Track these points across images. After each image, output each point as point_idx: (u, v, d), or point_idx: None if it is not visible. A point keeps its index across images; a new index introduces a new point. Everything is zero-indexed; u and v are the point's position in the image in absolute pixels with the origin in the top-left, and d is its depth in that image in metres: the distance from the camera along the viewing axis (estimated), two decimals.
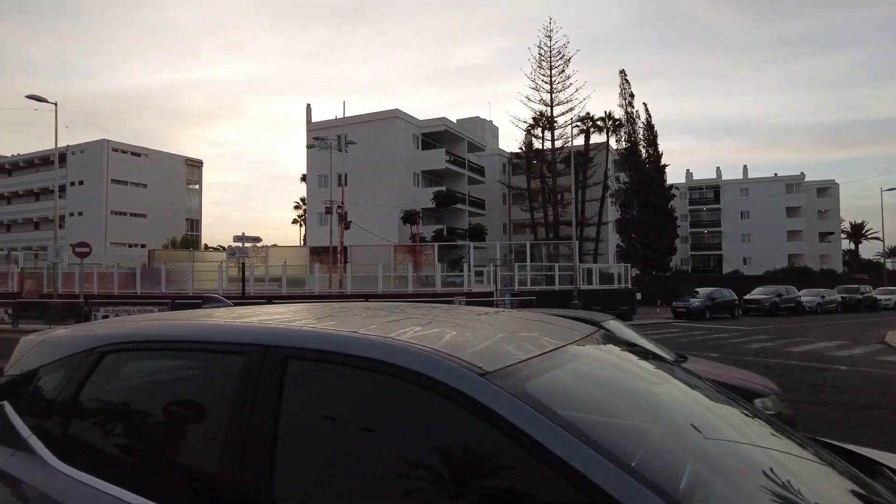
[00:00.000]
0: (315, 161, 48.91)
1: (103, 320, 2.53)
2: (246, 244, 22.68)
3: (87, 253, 22.90)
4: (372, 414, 1.50)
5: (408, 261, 31.46)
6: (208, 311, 2.38)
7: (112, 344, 1.94)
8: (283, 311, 2.43)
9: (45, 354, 2.12)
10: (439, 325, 1.96)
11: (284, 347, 1.61)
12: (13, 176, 72.17)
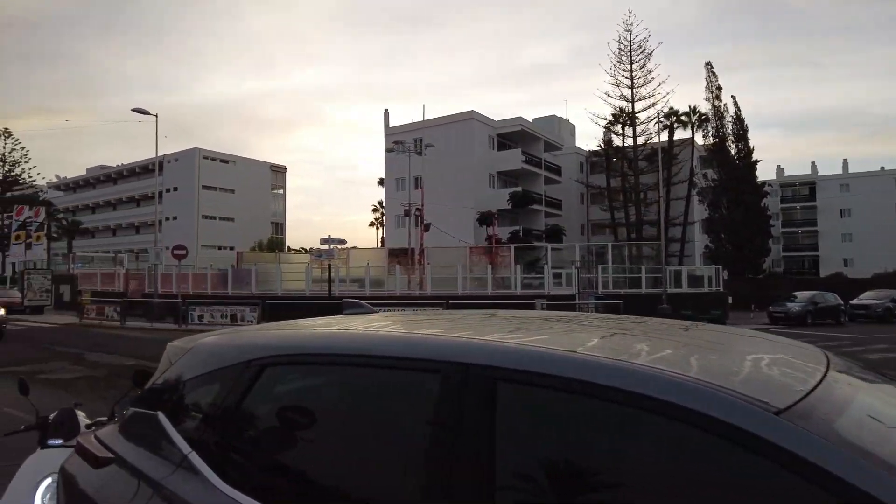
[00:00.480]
0: (392, 164, 49.70)
1: (256, 328, 2.37)
2: (332, 246, 23.15)
3: (183, 255, 24.18)
4: (622, 459, 1.20)
5: (483, 262, 31.18)
6: (371, 320, 2.19)
7: (272, 356, 1.78)
8: (441, 318, 2.21)
9: (197, 364, 2.00)
10: (651, 341, 1.65)
11: (491, 368, 1.35)
12: (118, 184, 77.99)
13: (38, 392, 9.54)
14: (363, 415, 1.58)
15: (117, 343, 17.67)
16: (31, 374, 11.46)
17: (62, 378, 11.01)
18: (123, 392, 3.10)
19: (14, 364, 12.81)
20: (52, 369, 12.12)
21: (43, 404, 8.22)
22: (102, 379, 10.98)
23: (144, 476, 1.80)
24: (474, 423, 1.29)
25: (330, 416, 1.65)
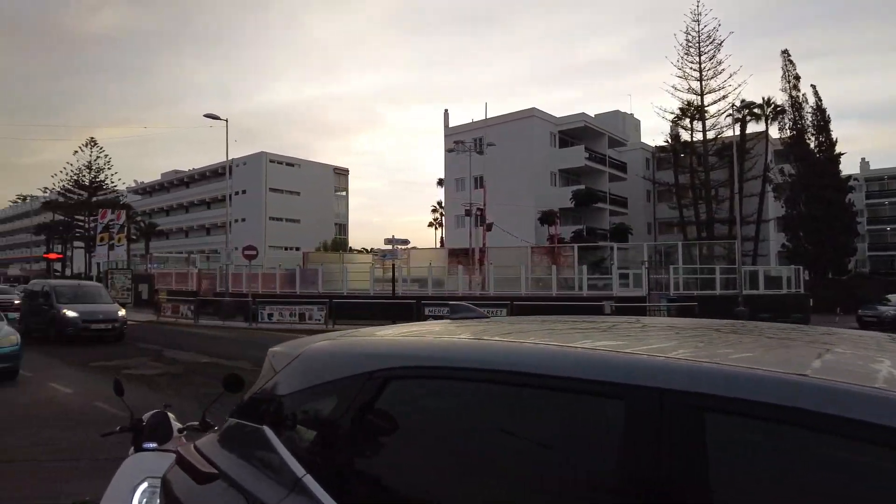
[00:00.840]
0: (452, 165, 49.60)
1: (373, 334, 1.97)
2: (395, 246, 23.22)
3: (254, 255, 24.89)
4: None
5: (546, 263, 30.54)
6: (495, 328, 1.94)
7: (399, 368, 1.55)
8: (573, 327, 1.94)
9: (308, 374, 1.81)
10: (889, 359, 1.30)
11: (698, 395, 1.07)
12: (190, 188, 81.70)
13: (126, 387, 9.89)
14: (514, 444, 1.32)
15: (192, 340, 18.32)
16: (116, 370, 11.97)
17: (144, 374, 11.42)
18: (213, 397, 3.00)
19: (102, 359, 13.45)
20: (135, 365, 12.62)
21: (128, 400, 8.43)
22: (180, 376, 11.32)
23: (254, 498, 1.62)
24: (676, 468, 1.01)
25: (472, 442, 1.40)
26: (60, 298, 17.17)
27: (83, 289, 19.03)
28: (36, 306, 17.95)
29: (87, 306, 17.02)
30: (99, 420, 7.59)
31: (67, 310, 16.58)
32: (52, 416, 7.79)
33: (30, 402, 8.74)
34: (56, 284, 18.91)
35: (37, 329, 17.31)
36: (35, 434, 6.80)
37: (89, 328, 16.44)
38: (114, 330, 16.95)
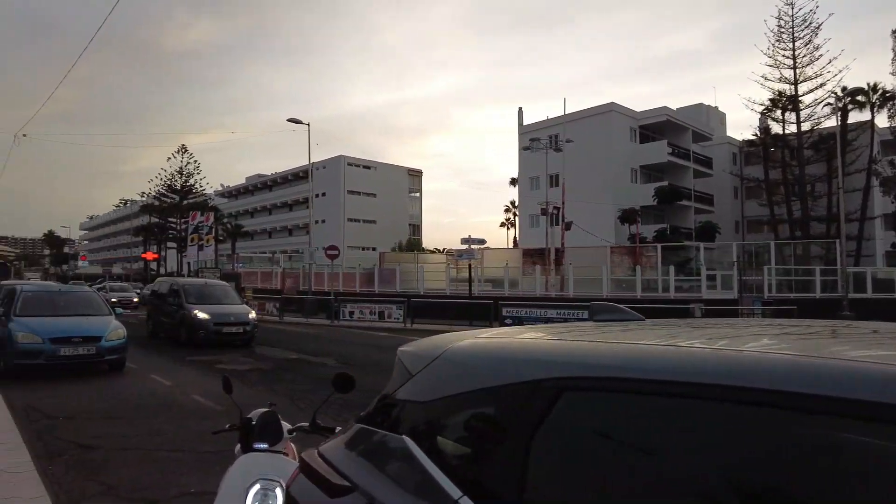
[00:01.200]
0: (527, 163, 48.94)
1: (530, 333, 1.69)
2: (471, 246, 23.05)
3: (336, 255, 25.50)
4: None
5: (626, 263, 29.46)
6: (662, 332, 1.67)
7: (575, 378, 1.32)
8: (778, 331, 1.63)
9: (455, 378, 1.60)
10: None
11: None
12: (273, 191, 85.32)
13: (217, 381, 10.21)
14: (736, 479, 1.06)
15: (278, 337, 18.91)
16: (210, 364, 12.49)
17: (236, 370, 11.82)
18: (324, 397, 2.89)
19: (197, 354, 14.10)
20: (227, 361, 13.11)
21: (223, 396, 8.58)
22: (270, 372, 11.63)
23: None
24: None
25: (674, 472, 1.15)
26: (189, 298, 15.92)
27: (210, 288, 17.46)
28: (164, 306, 17.01)
29: (217, 307, 15.80)
30: (198, 413, 7.87)
31: (199, 311, 15.31)
32: (157, 407, 8.14)
33: (136, 392, 9.21)
34: (185, 283, 17.53)
35: (166, 331, 16.83)
36: (144, 424, 7.11)
37: (221, 331, 15.12)
38: (244, 333, 15.58)
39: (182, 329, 15.51)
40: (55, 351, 10.21)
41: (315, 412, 2.92)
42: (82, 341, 10.52)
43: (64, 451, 5.95)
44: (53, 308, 11.59)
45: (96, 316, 11.66)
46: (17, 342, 10.09)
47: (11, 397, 8.63)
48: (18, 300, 11.34)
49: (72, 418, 7.41)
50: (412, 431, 1.60)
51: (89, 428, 6.92)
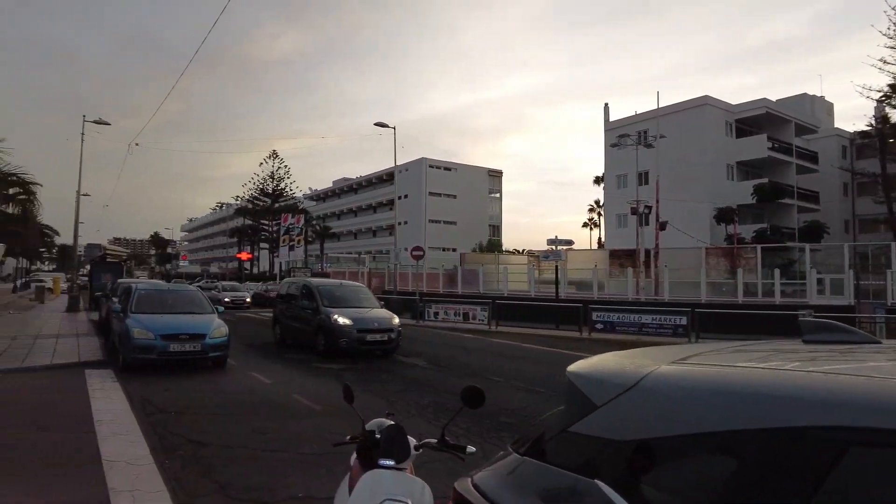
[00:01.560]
0: (613, 161, 47.28)
1: (739, 350, 1.69)
2: (558, 247, 22.42)
3: (421, 255, 25.64)
4: None
5: (723, 265, 27.66)
6: None
7: (869, 430, 0.98)
8: None
9: (662, 414, 1.30)
10: None
11: None
12: (358, 193, 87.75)
13: (317, 380, 10.34)
14: None
15: None
16: (306, 363, 12.77)
17: (331, 368, 12.00)
18: (452, 413, 2.67)
19: (291, 352, 14.50)
20: (320, 359, 13.35)
21: (321, 395, 8.56)
22: (364, 371, 11.71)
23: None
24: None
25: None
26: (325, 301, 14.10)
27: (346, 289, 15.49)
28: (294, 310, 15.32)
29: (357, 311, 13.88)
30: (298, 412, 7.97)
31: (339, 316, 13.42)
32: (259, 405, 8.34)
33: (239, 390, 9.51)
34: (319, 284, 15.44)
35: (297, 337, 15.09)
36: (248, 422, 7.26)
37: (364, 339, 13.14)
38: (389, 342, 13.55)
39: (319, 336, 13.59)
40: (165, 347, 10.78)
41: (444, 428, 2.71)
42: (189, 338, 11.04)
43: (178, 447, 6.14)
44: (163, 306, 12.27)
45: (201, 314, 12.23)
46: (134, 338, 10.73)
47: (130, 390, 9.15)
48: (134, 298, 12.09)
49: (182, 413, 7.71)
50: (606, 476, 1.31)
51: (199, 423, 7.14)
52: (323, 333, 13.49)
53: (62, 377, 10.18)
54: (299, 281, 16.86)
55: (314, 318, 13.98)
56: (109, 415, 7.40)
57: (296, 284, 16.44)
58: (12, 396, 8.53)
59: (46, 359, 11.70)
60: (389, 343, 13.58)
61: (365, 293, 15.88)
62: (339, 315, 13.49)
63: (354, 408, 3.08)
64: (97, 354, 12.43)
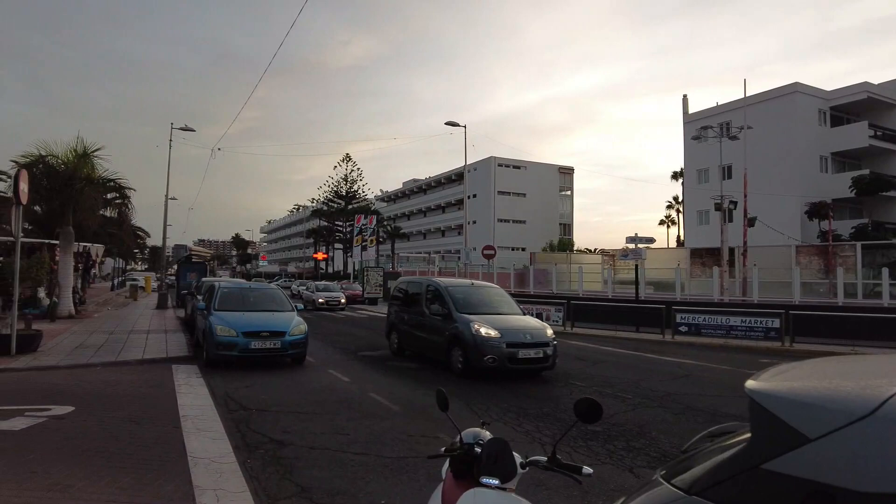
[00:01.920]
0: (694, 154, 45.06)
1: None
2: (638, 245, 21.44)
3: (493, 255, 25.28)
4: None
5: (816, 264, 25.58)
6: None
7: None
8: None
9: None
10: None
11: None
12: (427, 194, 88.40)
13: (393, 379, 10.20)
14: None
15: None
16: (382, 360, 12.71)
17: (408, 367, 11.86)
18: (565, 427, 2.31)
19: (366, 349, 14.53)
20: (394, 357, 13.29)
21: (398, 395, 8.33)
22: (440, 371, 11.48)
23: None
24: None
25: None
26: (460, 305, 11.37)
27: (481, 291, 12.51)
28: (418, 316, 12.59)
29: (501, 319, 10.92)
30: (377, 412, 7.82)
31: (481, 325, 10.49)
32: (337, 404, 8.26)
33: (318, 387, 9.51)
34: (449, 284, 12.51)
35: (424, 350, 12.30)
36: (328, 422, 7.17)
37: (516, 356, 10.17)
38: (545, 360, 10.45)
39: (455, 351, 10.82)
40: (247, 344, 10.98)
41: (555, 446, 2.36)
42: (269, 335, 11.21)
43: (259, 445, 6.10)
44: (245, 303, 12.56)
45: (281, 312, 12.42)
46: (217, 335, 11.01)
47: (213, 385, 9.35)
48: (217, 296, 12.44)
49: (263, 410, 7.73)
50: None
51: (279, 422, 7.12)
52: (460, 347, 10.68)
53: (152, 371, 10.58)
54: (423, 280, 13.82)
55: (446, 328, 11.21)
56: (194, 410, 7.52)
57: (417, 283, 13.61)
58: (111, 389, 8.89)
59: (138, 353, 12.24)
60: (545, 361, 10.48)
61: (502, 295, 12.90)
62: (480, 324, 10.57)
63: (449, 416, 2.80)
64: (183, 350, 12.90)
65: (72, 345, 13.33)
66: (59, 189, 19.76)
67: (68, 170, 19.64)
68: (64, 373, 10.19)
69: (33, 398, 7.95)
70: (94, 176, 20.64)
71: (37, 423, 6.64)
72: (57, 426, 6.61)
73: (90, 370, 10.54)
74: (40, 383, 9.16)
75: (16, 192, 11.49)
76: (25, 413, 7.05)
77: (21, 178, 11.56)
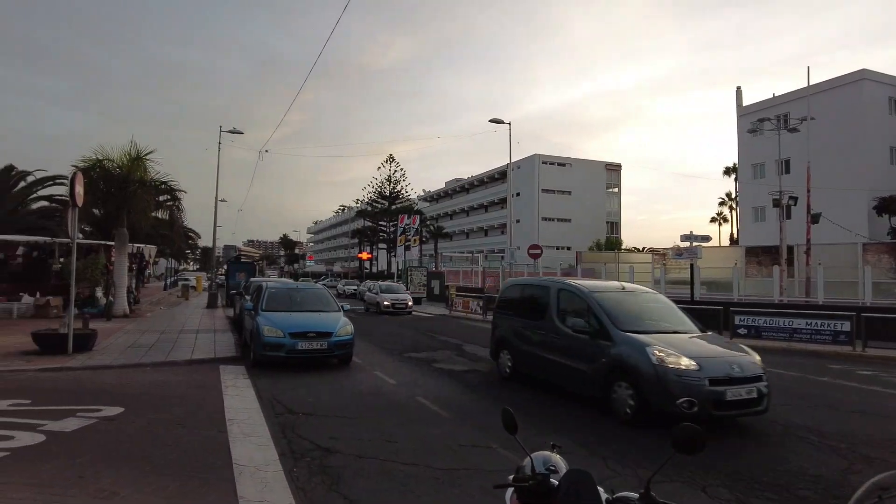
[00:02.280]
0: (748, 149, 43.27)
1: None
2: (693, 244, 20.53)
3: (539, 254, 24.73)
4: None
5: (884, 263, 23.97)
6: None
7: None
8: None
9: None
10: None
11: None
12: (470, 193, 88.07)
13: (440, 382, 9.86)
14: None
15: (484, 336, 18.44)
16: (428, 362, 12.44)
17: (453, 370, 11.55)
18: (660, 462, 1.94)
19: (412, 350, 14.31)
20: (442, 359, 13.00)
21: (446, 400, 7.93)
22: (489, 374, 11.12)
23: None
24: None
25: None
26: (615, 319, 8.11)
27: (640, 300, 9.28)
28: (546, 330, 9.26)
29: (684, 342, 7.76)
30: (425, 418, 7.53)
31: (665, 353, 7.26)
32: (385, 408, 8.01)
33: (364, 391, 9.30)
34: (593, 289, 8.97)
35: (559, 379, 8.90)
36: (376, 428, 6.91)
37: (723, 400, 6.93)
38: (759, 402, 7.16)
39: (620, 387, 7.55)
40: (294, 345, 10.88)
41: (649, 480, 1.98)
42: (316, 336, 11.08)
43: (305, 453, 5.88)
44: (292, 304, 12.50)
45: (327, 312, 12.30)
46: (264, 336, 10.95)
47: (259, 387, 9.25)
48: (264, 296, 12.43)
49: (310, 414, 7.55)
50: None
51: (326, 427, 6.91)
52: (629, 382, 7.43)
53: (200, 372, 10.59)
54: (549, 282, 10.12)
55: (600, 352, 7.99)
56: (241, 414, 7.39)
57: (541, 287, 10.06)
58: (160, 390, 8.90)
59: (187, 354, 12.34)
60: (758, 403, 7.17)
61: (666, 304, 9.38)
62: (663, 349, 7.34)
63: (518, 440, 2.44)
64: (231, 351, 12.94)
65: (124, 344, 13.58)
66: (114, 192, 20.33)
67: (123, 173, 20.18)
68: (116, 372, 10.31)
69: (86, 398, 8.00)
70: (147, 178, 21.15)
71: (87, 425, 6.63)
72: (106, 428, 6.58)
73: (140, 370, 10.64)
74: (93, 383, 9.27)
75: (72, 194, 11.74)
76: (77, 414, 7.06)
77: (77, 181, 11.80)
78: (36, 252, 23.66)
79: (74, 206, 11.81)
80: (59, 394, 8.36)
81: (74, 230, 11.95)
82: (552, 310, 9.30)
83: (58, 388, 8.81)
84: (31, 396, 8.02)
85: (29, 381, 9.21)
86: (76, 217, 12.04)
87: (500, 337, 10.96)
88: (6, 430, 6.26)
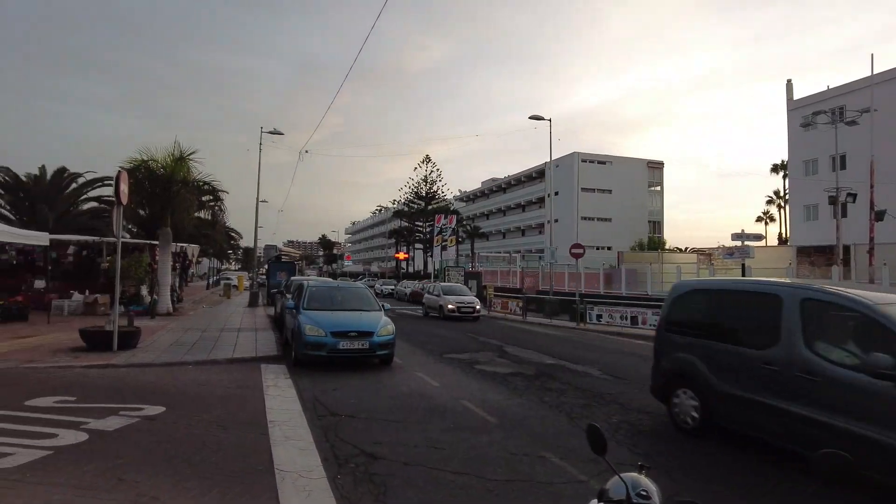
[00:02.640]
0: (800, 144, 41.49)
1: None
2: (745, 243, 19.63)
3: (581, 254, 24.07)
4: None
5: None
6: None
7: None
8: None
9: None
10: None
11: None
12: (506, 192, 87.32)
13: (485, 385, 9.48)
14: None
15: (526, 337, 18.21)
16: (470, 364, 12.09)
17: (497, 372, 11.18)
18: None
19: (452, 351, 13.98)
20: (484, 360, 12.64)
21: (492, 404, 7.53)
22: (534, 378, 10.70)
23: None
24: None
25: None
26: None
27: None
28: (772, 362, 5.72)
29: None
30: (471, 423, 7.19)
31: None
32: (429, 412, 7.70)
33: (407, 392, 9.01)
34: (863, 297, 5.23)
35: (803, 442, 5.27)
36: (421, 433, 6.60)
37: None
38: None
39: None
40: (335, 344, 10.68)
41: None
42: (357, 336, 10.87)
43: (349, 458, 5.60)
44: (333, 303, 12.33)
45: (369, 311, 12.09)
46: (305, 335, 10.79)
47: (301, 387, 9.07)
48: (306, 295, 12.29)
49: (353, 417, 7.29)
50: None
51: (370, 431, 6.64)
52: None
53: (241, 371, 10.50)
54: (766, 285, 6.53)
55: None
56: (282, 415, 7.19)
57: (748, 293, 6.67)
58: (201, 389, 8.81)
59: (228, 352, 12.31)
60: None
61: None
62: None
63: (607, 460, 2.08)
64: (272, 349, 12.86)
65: (167, 342, 13.67)
66: (158, 192, 20.66)
67: (167, 173, 20.49)
68: (158, 370, 10.30)
69: (128, 396, 7.95)
70: (190, 178, 21.44)
71: (129, 424, 6.52)
72: (148, 427, 6.46)
73: (183, 368, 10.61)
74: (136, 381, 9.25)
75: (116, 192, 11.84)
76: (120, 412, 6.98)
77: (121, 179, 11.89)
78: (85, 251, 24.32)
79: (119, 205, 11.90)
80: (104, 391, 8.34)
81: (119, 228, 12.04)
82: (794, 333, 5.67)
83: (102, 385, 8.81)
84: (76, 393, 8.01)
85: (75, 378, 9.26)
86: (121, 215, 12.15)
87: (675, 369, 7.11)
88: (51, 427, 6.21)
